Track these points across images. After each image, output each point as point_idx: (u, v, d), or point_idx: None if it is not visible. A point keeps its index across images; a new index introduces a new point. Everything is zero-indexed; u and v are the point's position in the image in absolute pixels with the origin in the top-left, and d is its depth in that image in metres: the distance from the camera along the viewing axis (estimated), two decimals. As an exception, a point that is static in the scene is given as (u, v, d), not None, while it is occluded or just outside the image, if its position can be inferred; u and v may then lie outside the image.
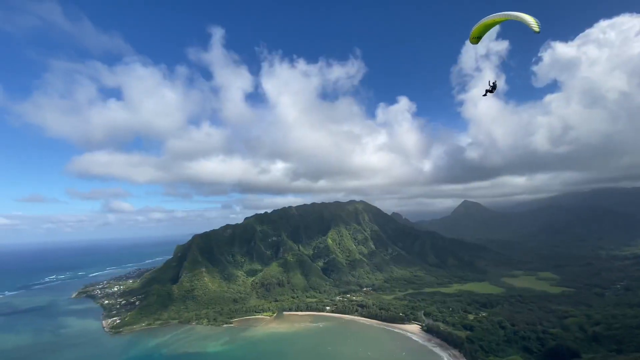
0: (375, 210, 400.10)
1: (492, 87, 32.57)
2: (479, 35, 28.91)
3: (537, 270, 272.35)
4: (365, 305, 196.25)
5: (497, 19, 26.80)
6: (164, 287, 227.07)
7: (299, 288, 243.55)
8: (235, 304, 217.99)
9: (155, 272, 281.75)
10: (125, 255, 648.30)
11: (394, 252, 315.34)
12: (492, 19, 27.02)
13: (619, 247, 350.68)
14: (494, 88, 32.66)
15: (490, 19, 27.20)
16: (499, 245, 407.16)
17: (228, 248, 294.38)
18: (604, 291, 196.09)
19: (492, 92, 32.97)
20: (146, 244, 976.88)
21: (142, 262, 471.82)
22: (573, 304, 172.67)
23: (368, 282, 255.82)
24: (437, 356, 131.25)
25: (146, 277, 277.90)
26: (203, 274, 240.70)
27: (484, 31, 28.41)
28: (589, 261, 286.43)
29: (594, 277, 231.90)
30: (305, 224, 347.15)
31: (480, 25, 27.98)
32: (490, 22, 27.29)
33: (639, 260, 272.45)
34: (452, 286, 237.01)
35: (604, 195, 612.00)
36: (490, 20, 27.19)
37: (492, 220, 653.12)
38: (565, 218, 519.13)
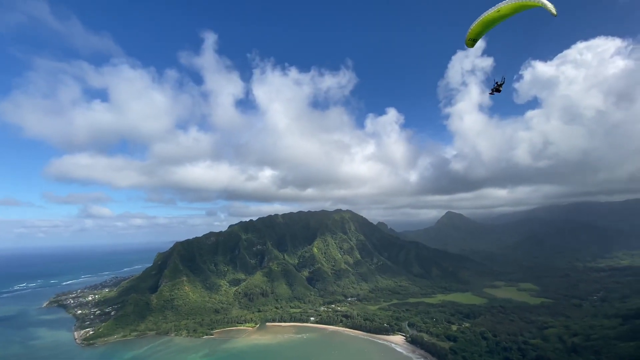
0: (361, 220, 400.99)
1: (500, 85, 31.56)
2: (476, 37, 26.86)
3: (518, 281, 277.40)
4: (350, 316, 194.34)
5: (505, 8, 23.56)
6: (142, 297, 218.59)
7: (283, 298, 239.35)
8: (217, 314, 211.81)
9: (133, 281, 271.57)
10: (101, 262, 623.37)
11: (379, 261, 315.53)
12: (496, 10, 23.91)
13: (594, 259, 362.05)
14: (500, 85, 31.56)
15: (494, 12, 24.13)
16: (482, 256, 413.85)
17: (211, 256, 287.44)
18: (581, 302, 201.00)
19: (498, 92, 32.02)
20: (125, 251, 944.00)
21: (120, 270, 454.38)
22: (552, 314, 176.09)
23: (353, 292, 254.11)
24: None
25: (123, 286, 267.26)
26: (184, 283, 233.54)
27: (482, 31, 26.20)
28: (567, 273, 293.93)
29: (571, 288, 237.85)
30: (291, 233, 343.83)
31: (479, 23, 25.49)
32: (490, 17, 24.78)
33: (614, 272, 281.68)
34: (436, 296, 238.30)
35: (581, 209, 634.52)
36: (491, 15, 24.55)
37: (474, 231, 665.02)
38: (544, 230, 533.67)
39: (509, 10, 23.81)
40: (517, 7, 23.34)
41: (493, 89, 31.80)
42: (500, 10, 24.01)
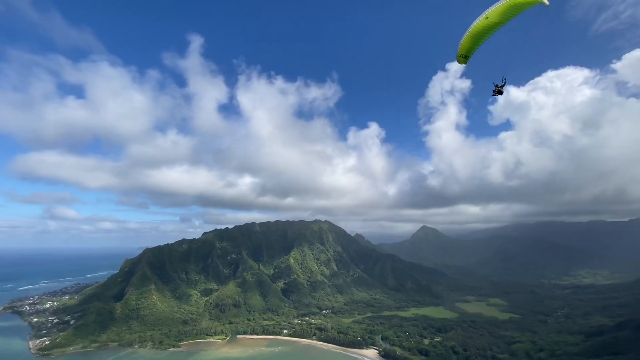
0: (339, 231, 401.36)
1: (501, 87, 29.99)
2: (467, 53, 25.19)
3: (488, 296, 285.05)
4: (324, 329, 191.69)
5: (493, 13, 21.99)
6: (106, 305, 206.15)
7: (256, 310, 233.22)
8: (186, 325, 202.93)
9: (97, 288, 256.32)
10: (63, 267, 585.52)
11: (355, 274, 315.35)
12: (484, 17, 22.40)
13: (559, 276, 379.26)
14: (502, 87, 30.14)
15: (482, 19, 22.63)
16: (454, 270, 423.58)
17: (182, 264, 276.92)
18: (547, 318, 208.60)
19: (500, 94, 30.29)
20: (90, 256, 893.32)
21: (83, 277, 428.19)
22: (519, 330, 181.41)
23: (328, 305, 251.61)
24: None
25: (86, 293, 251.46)
26: (152, 291, 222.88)
27: (473, 46, 24.51)
28: (533, 289, 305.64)
29: (538, 304, 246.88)
30: (267, 242, 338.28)
31: (468, 37, 23.90)
32: (479, 28, 23.16)
33: (577, 290, 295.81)
34: (409, 310, 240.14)
35: (547, 228, 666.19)
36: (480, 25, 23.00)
37: (448, 246, 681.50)
38: (513, 247, 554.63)
39: (497, 15, 22.54)
40: (505, 9, 22.13)
41: (495, 92, 30.53)
42: (489, 16, 22.70)
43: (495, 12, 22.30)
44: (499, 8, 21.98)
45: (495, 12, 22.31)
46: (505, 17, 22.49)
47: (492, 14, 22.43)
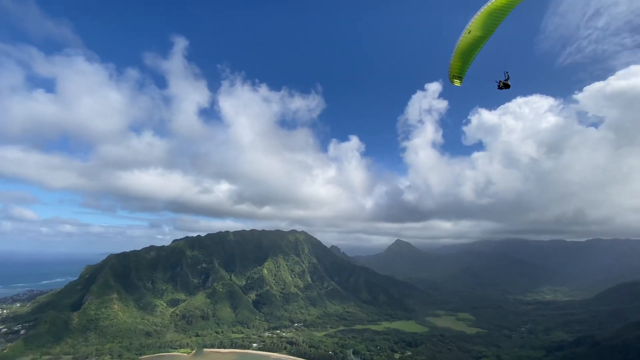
0: (315, 242, 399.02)
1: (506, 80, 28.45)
2: (459, 74, 24.31)
3: (457, 310, 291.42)
4: (295, 343, 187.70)
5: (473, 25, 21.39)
6: (61, 314, 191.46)
7: (226, 322, 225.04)
8: (149, 337, 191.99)
9: (53, 296, 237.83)
10: (16, 272, 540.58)
11: (329, 286, 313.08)
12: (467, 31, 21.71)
13: (523, 292, 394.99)
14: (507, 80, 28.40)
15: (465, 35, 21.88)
16: (426, 284, 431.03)
17: (149, 273, 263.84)
18: (511, 333, 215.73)
19: (507, 87, 28.39)
20: (48, 261, 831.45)
21: (38, 283, 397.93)
22: (486, 344, 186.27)
23: (301, 318, 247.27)
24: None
25: (39, 301, 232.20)
26: (114, 300, 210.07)
27: (463, 65, 23.60)
28: (500, 304, 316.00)
29: (503, 319, 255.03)
30: (241, 252, 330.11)
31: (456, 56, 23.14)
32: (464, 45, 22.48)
33: (539, 305, 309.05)
34: (381, 324, 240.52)
35: (513, 245, 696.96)
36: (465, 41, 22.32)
37: (420, 260, 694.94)
38: (481, 263, 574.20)
39: (479, 27, 21.83)
40: (485, 18, 21.55)
41: (500, 86, 28.62)
42: (471, 30, 22.11)
43: (476, 23, 21.83)
44: (479, 18, 21.58)
45: (476, 23, 21.86)
46: (487, 28, 21.88)
47: (474, 26, 21.96)
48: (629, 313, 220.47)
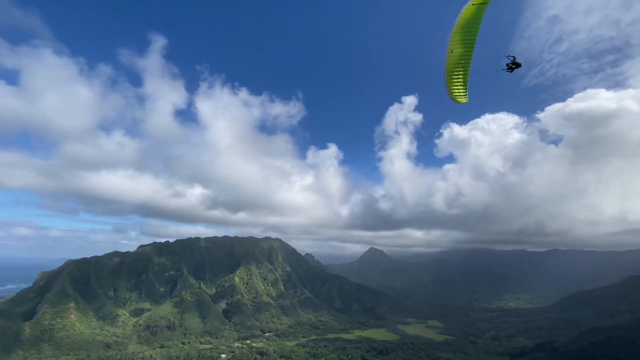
0: (290, 250, 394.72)
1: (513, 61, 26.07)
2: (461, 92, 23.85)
3: (427, 318, 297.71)
4: (266, 353, 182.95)
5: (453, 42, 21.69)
6: (12, 324, 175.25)
7: (194, 332, 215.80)
8: (108, 349, 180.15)
9: (3, 304, 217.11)
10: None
11: (302, 294, 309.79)
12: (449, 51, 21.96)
13: (489, 300, 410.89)
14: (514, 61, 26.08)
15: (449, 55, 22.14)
16: (397, 292, 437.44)
17: (112, 280, 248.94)
18: (477, 340, 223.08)
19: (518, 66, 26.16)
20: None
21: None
22: (453, 351, 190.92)
23: (272, 327, 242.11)
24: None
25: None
26: (71, 310, 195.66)
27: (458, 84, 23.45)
28: (467, 312, 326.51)
29: (469, 326, 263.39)
30: (212, 259, 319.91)
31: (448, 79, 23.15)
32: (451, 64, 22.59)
33: (503, 313, 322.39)
34: (353, 332, 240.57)
35: (480, 254, 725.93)
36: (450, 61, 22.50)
37: (392, 268, 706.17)
38: (449, 271, 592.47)
39: (457, 44, 22.16)
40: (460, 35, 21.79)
41: (510, 67, 26.14)
42: (452, 49, 22.46)
43: (454, 41, 22.35)
44: (455, 36, 22.21)
45: (454, 42, 22.37)
46: (465, 43, 22.14)
47: (453, 44, 22.44)
48: (584, 320, 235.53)
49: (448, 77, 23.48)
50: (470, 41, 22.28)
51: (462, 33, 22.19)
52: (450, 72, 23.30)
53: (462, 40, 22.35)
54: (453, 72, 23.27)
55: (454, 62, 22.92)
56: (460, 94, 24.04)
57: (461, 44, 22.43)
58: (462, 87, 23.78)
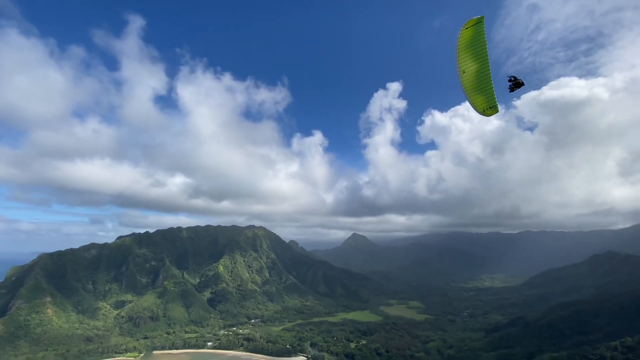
0: (274, 237, 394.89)
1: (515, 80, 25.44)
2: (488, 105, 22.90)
3: (408, 299, 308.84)
4: (252, 339, 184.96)
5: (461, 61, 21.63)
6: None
7: (178, 322, 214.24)
8: (89, 343, 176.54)
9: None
10: None
11: (287, 281, 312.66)
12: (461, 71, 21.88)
13: (466, 281, 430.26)
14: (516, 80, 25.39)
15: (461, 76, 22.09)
16: (380, 276, 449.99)
17: (90, 273, 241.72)
18: (455, 318, 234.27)
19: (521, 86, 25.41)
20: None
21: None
22: (433, 329, 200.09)
23: (258, 314, 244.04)
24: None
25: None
26: (47, 304, 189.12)
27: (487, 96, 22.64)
28: (445, 292, 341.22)
29: (448, 306, 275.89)
30: (195, 249, 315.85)
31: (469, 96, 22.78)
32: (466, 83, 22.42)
33: (478, 292, 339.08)
34: (338, 315, 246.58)
35: (457, 237, 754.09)
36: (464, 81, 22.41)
37: (375, 252, 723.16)
38: (429, 254, 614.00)
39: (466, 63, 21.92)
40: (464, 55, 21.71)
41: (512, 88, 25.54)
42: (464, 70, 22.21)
43: (462, 62, 21.94)
44: (460, 57, 21.86)
45: (461, 62, 21.95)
46: (471, 60, 21.88)
47: (462, 64, 22.02)
48: (553, 296, 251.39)
49: (469, 95, 22.77)
50: (481, 55, 21.57)
51: (467, 52, 21.71)
52: (470, 90, 22.57)
53: (472, 57, 21.82)
54: (470, 91, 22.57)
55: (470, 80, 22.29)
56: (486, 106, 22.98)
57: (471, 62, 21.95)
58: (487, 101, 22.79)
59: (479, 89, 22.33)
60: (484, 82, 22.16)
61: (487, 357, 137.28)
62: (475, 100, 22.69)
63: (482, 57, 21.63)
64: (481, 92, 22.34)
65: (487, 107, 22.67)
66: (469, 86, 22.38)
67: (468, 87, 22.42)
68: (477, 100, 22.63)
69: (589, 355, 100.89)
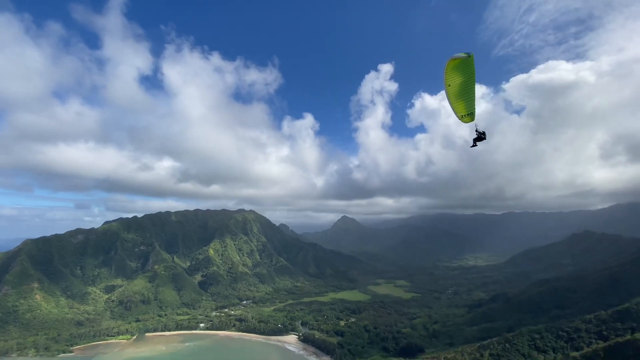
0: (264, 221, 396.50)
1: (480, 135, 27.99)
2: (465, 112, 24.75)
3: (395, 278, 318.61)
4: (244, 319, 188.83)
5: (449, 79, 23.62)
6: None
7: (170, 305, 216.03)
8: (80, 327, 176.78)
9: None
10: None
11: (278, 263, 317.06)
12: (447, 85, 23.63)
13: (450, 260, 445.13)
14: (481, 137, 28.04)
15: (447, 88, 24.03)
16: (368, 256, 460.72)
17: (77, 258, 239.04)
18: (440, 295, 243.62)
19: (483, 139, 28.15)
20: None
21: None
22: (419, 306, 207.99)
23: (249, 295, 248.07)
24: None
25: None
26: (35, 290, 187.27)
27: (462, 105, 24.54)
28: (431, 271, 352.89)
29: (433, 284, 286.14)
30: (184, 233, 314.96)
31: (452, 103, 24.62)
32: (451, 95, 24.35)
33: (463, 271, 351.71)
34: (328, 295, 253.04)
35: (444, 219, 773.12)
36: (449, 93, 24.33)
37: (364, 234, 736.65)
38: (416, 235, 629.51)
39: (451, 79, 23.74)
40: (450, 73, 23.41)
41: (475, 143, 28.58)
42: (450, 84, 23.90)
43: (448, 78, 23.72)
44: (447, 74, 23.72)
45: (448, 78, 23.72)
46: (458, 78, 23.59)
47: (449, 81, 23.83)
48: (533, 273, 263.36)
49: (451, 104, 24.74)
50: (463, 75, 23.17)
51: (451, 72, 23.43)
52: (452, 100, 24.51)
53: (456, 76, 23.52)
54: (454, 99, 24.44)
55: (454, 92, 24.14)
56: (465, 112, 24.94)
57: (455, 78, 23.63)
58: (465, 109, 24.73)
59: (459, 100, 24.39)
60: (468, 94, 24.06)
61: (469, 331, 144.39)
62: (457, 107, 24.76)
63: (464, 77, 23.39)
64: (463, 100, 24.36)
65: (466, 113, 24.78)
66: (451, 97, 24.52)
67: (451, 98, 24.58)
68: (458, 106, 24.71)
69: (564, 327, 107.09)
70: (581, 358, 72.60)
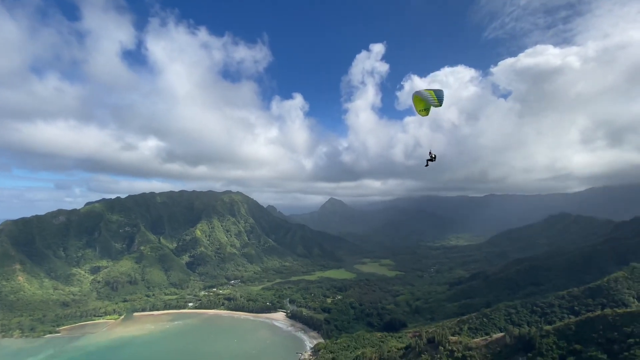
0: (252, 203, 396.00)
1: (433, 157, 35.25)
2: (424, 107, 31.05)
3: (380, 257, 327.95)
4: (233, 298, 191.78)
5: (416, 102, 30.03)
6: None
7: (157, 285, 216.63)
8: (66, 308, 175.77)
9: None
10: None
11: (266, 243, 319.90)
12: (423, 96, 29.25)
13: (433, 240, 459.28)
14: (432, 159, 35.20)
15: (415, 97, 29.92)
16: (354, 237, 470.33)
17: (59, 239, 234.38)
18: (423, 274, 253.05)
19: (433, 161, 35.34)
20: None
21: None
22: (403, 284, 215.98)
23: (238, 275, 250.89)
24: (299, 339, 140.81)
25: None
26: (17, 272, 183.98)
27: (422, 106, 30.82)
28: (415, 251, 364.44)
29: (417, 263, 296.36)
30: (170, 214, 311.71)
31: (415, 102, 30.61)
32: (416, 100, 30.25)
33: (445, 250, 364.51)
34: (315, 274, 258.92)
35: (428, 201, 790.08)
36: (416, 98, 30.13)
37: (351, 216, 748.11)
38: (401, 217, 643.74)
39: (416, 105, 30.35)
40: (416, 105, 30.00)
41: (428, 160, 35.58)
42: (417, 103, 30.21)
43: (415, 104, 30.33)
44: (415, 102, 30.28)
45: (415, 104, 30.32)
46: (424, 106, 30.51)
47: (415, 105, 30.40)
48: (511, 253, 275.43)
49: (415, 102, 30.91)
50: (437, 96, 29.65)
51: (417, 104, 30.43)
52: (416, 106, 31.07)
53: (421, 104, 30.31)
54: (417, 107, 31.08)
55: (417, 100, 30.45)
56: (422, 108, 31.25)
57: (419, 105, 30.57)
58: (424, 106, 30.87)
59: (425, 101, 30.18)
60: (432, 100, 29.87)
61: (450, 307, 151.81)
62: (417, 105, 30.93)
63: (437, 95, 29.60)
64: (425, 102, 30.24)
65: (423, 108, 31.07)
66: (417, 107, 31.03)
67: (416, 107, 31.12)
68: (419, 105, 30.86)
69: (539, 303, 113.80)
70: (554, 332, 77.36)
